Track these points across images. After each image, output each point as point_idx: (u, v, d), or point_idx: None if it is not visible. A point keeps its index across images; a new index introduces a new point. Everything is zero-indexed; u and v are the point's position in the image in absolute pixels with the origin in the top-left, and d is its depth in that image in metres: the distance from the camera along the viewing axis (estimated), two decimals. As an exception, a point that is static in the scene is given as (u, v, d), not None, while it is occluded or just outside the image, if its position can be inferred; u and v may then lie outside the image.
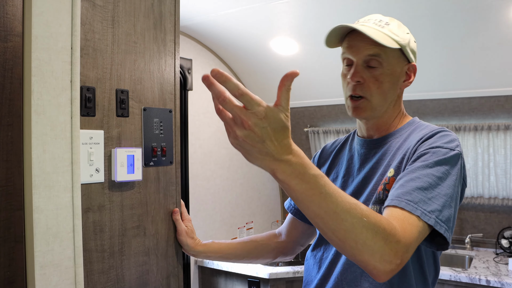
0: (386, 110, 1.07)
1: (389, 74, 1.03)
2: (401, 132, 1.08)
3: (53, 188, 0.85)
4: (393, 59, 1.03)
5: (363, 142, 1.12)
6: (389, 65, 1.03)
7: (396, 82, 1.05)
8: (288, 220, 1.35)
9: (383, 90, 1.03)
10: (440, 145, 0.93)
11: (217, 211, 3.15)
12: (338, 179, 1.15)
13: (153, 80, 1.17)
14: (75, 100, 0.90)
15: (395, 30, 1.03)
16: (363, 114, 1.05)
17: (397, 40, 1.02)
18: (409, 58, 1.05)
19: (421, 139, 0.97)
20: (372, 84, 1.03)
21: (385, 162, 1.05)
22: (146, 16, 1.15)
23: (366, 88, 1.03)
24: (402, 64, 1.05)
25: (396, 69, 1.04)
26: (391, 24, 1.04)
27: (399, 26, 1.06)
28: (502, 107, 2.75)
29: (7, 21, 0.81)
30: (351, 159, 1.15)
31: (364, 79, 1.03)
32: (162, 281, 1.18)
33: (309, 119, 3.47)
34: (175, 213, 1.20)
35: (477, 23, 2.27)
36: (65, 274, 0.87)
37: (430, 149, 0.92)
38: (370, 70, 1.03)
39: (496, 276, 2.40)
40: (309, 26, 2.61)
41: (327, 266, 1.07)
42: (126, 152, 1.08)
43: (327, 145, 1.29)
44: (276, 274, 2.58)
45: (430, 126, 1.05)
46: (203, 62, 3.07)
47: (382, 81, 1.03)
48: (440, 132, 0.97)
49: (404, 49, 1.03)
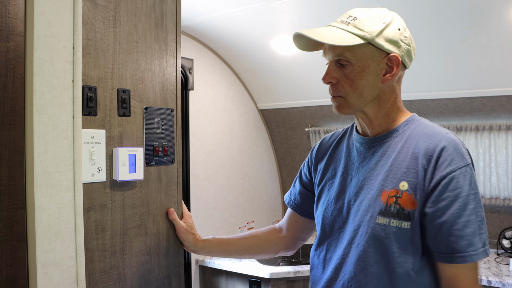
0: (370, 105, 1.05)
1: (360, 71, 1.01)
2: (399, 131, 1.06)
3: (55, 187, 0.85)
4: (364, 54, 1.00)
5: (362, 140, 1.10)
6: (359, 61, 1.01)
7: (373, 77, 1.01)
8: (288, 215, 1.34)
9: (356, 87, 1.02)
10: (454, 169, 0.95)
11: (218, 211, 3.15)
12: (337, 177, 1.14)
13: (154, 79, 1.17)
14: (77, 100, 0.90)
15: (361, 24, 1.00)
16: (343, 111, 1.06)
17: (362, 35, 0.98)
18: (385, 50, 1.00)
19: (432, 157, 0.97)
20: (344, 82, 1.03)
21: (386, 164, 1.03)
22: (148, 15, 1.15)
23: (340, 87, 1.04)
24: (377, 58, 1.01)
25: (370, 63, 1.01)
26: (360, 18, 1.01)
27: (372, 18, 1.01)
28: (503, 107, 2.75)
29: (9, 21, 0.81)
30: (350, 156, 1.13)
31: (336, 79, 1.03)
32: (164, 281, 1.19)
33: (310, 119, 3.47)
34: (171, 213, 1.20)
35: (479, 23, 2.27)
36: (66, 273, 0.87)
37: (448, 181, 0.95)
38: (341, 69, 1.03)
39: (497, 276, 2.39)
40: (310, 26, 2.61)
41: (333, 269, 1.06)
42: (127, 151, 1.08)
43: (325, 138, 1.27)
44: (277, 274, 2.58)
45: (432, 130, 1.03)
46: (204, 62, 3.08)
47: (353, 79, 1.01)
48: (446, 146, 0.97)
49: (372, 41, 0.99)
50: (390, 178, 1.01)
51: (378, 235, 0.98)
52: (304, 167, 1.29)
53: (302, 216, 1.29)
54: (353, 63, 1.01)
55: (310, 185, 1.26)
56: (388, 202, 0.99)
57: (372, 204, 1.01)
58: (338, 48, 1.01)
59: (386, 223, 0.98)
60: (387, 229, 0.97)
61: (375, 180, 1.03)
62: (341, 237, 1.07)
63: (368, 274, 0.99)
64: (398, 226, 0.96)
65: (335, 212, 1.09)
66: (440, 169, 0.96)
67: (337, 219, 1.09)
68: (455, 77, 2.69)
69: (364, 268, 0.99)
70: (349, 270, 1.02)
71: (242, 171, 3.40)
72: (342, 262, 1.05)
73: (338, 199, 1.10)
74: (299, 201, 1.29)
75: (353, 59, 1.00)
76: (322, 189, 1.17)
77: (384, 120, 1.07)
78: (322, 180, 1.18)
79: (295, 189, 1.31)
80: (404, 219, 0.96)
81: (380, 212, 0.99)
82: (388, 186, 1.00)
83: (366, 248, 0.99)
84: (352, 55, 1.00)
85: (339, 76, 1.03)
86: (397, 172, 1.00)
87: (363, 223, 1.01)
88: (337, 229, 1.09)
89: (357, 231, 1.02)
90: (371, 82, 1.02)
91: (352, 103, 1.04)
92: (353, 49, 1.00)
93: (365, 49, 1.00)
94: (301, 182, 1.29)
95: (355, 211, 1.05)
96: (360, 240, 1.01)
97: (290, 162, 3.72)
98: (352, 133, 1.18)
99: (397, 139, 1.05)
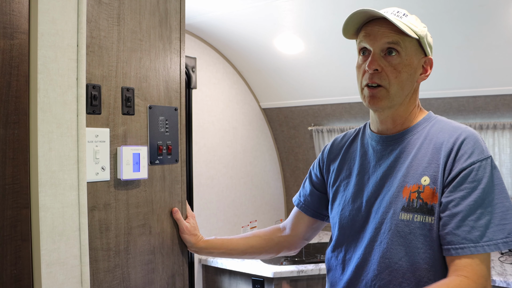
0: (403, 102, 1.05)
1: (407, 64, 1.01)
2: (418, 129, 1.06)
3: (59, 186, 0.85)
4: (411, 49, 1.02)
5: (379, 138, 1.09)
6: (407, 55, 1.01)
7: (413, 74, 1.03)
8: (294, 214, 1.33)
9: (401, 79, 1.01)
10: (475, 161, 0.95)
11: (221, 210, 3.14)
12: (352, 176, 1.13)
13: (158, 78, 1.17)
14: (81, 98, 0.89)
15: (413, 21, 1.02)
16: (380, 104, 1.03)
17: (416, 31, 1.00)
18: (426, 51, 1.04)
19: (452, 150, 0.97)
20: (390, 73, 1.01)
21: (406, 161, 1.02)
22: (152, 13, 1.15)
23: (384, 76, 1.01)
24: (419, 56, 1.04)
25: (414, 60, 1.03)
26: (409, 16, 1.03)
27: (416, 19, 1.05)
28: (507, 106, 2.74)
29: (13, 18, 0.81)
30: (365, 155, 1.12)
31: (382, 68, 1.01)
32: (168, 280, 1.18)
33: (313, 118, 3.46)
34: (175, 213, 1.20)
35: (483, 22, 2.26)
36: (71, 272, 0.87)
37: (468, 173, 0.94)
38: (388, 58, 1.01)
39: (502, 275, 2.38)
40: (314, 25, 2.60)
41: (354, 269, 1.05)
42: (131, 150, 1.08)
43: (337, 138, 1.25)
44: (280, 273, 2.58)
45: (451, 125, 1.03)
46: (207, 61, 3.07)
47: (400, 71, 1.01)
48: (466, 139, 0.97)
49: (422, 40, 1.02)
50: (411, 173, 1.00)
51: (402, 231, 0.98)
52: (314, 167, 1.27)
53: (309, 216, 1.28)
54: (402, 55, 1.01)
55: (321, 185, 1.25)
56: (410, 198, 0.99)
57: (394, 200, 1.01)
58: (393, 36, 1.00)
59: (410, 218, 0.97)
60: (411, 225, 0.97)
61: (395, 177, 1.03)
62: (362, 236, 1.06)
63: (392, 271, 0.98)
64: (422, 221, 0.96)
65: (353, 211, 1.08)
66: (460, 161, 0.96)
67: (356, 219, 1.08)
68: (459, 75, 2.68)
69: (388, 265, 0.99)
70: (372, 269, 1.01)
71: (245, 170, 3.39)
72: (364, 261, 1.04)
73: (356, 198, 1.09)
74: (310, 201, 1.27)
75: (404, 51, 1.01)
76: (337, 190, 1.16)
77: (407, 119, 1.08)
78: (336, 180, 1.17)
79: (305, 190, 1.30)
80: (428, 214, 0.96)
81: (403, 208, 0.99)
82: (410, 182, 1.00)
83: (390, 245, 0.99)
84: (404, 47, 1.01)
85: (385, 66, 1.02)
86: (418, 167, 1.00)
87: (386, 221, 1.01)
88: (356, 228, 1.08)
89: (379, 229, 1.02)
90: (412, 77, 1.04)
91: (392, 95, 1.02)
92: (405, 41, 1.01)
93: (413, 45, 1.02)
94: (311, 182, 1.28)
95: (376, 209, 1.04)
96: (383, 238, 1.00)
97: (293, 161, 3.71)
98: (365, 133, 1.17)
99: (416, 136, 1.05)
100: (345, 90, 3.08)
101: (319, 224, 1.31)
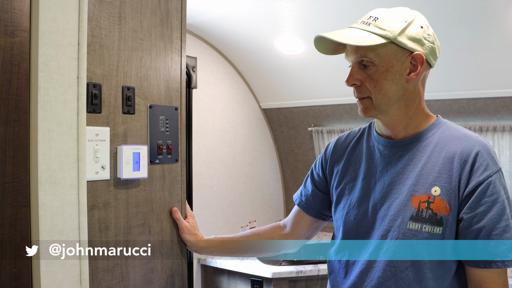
0: (397, 107, 1.03)
1: (384, 71, 1.00)
2: (427, 135, 1.04)
3: (59, 185, 0.85)
4: (387, 54, 0.99)
5: (386, 143, 1.08)
6: (383, 61, 0.99)
7: (397, 77, 1.00)
8: (294, 213, 1.31)
9: (381, 88, 1.00)
10: (490, 174, 0.95)
11: (220, 210, 3.14)
12: (358, 180, 1.11)
13: (159, 77, 1.16)
14: (82, 97, 0.89)
15: (382, 24, 0.99)
16: (369, 113, 1.04)
17: (383, 35, 0.98)
18: (408, 48, 0.99)
19: (466, 162, 0.97)
20: (368, 83, 1.01)
21: (416, 168, 1.01)
22: (153, 13, 1.15)
23: (364, 89, 1.02)
24: (401, 57, 1.00)
25: (394, 63, 1.00)
26: (381, 18, 1.00)
27: (393, 17, 1.00)
28: (507, 108, 2.74)
29: (14, 16, 0.80)
30: (372, 158, 1.10)
31: (360, 81, 1.02)
32: (167, 279, 1.18)
33: (313, 119, 3.46)
34: (175, 212, 1.19)
35: (484, 24, 2.26)
36: (70, 271, 0.87)
37: (486, 187, 0.95)
38: (365, 70, 1.01)
39: None
40: (315, 25, 2.60)
41: (358, 274, 1.04)
42: (132, 149, 1.08)
43: (340, 137, 1.23)
44: (279, 274, 2.57)
45: (462, 133, 1.03)
46: (208, 61, 3.07)
47: (377, 79, 1.00)
48: (480, 151, 0.97)
49: (394, 40, 0.98)
50: (421, 182, 0.99)
51: (409, 240, 0.97)
52: (317, 166, 1.25)
53: (310, 215, 1.27)
54: (377, 63, 0.99)
55: (323, 186, 1.23)
56: (420, 207, 0.98)
57: (402, 209, 0.99)
58: (360, 49, 1.00)
59: (418, 228, 0.97)
60: (419, 235, 0.97)
61: (404, 185, 1.01)
62: (367, 242, 1.05)
63: (398, 280, 0.98)
64: (430, 231, 0.96)
65: (359, 216, 1.07)
66: (476, 174, 0.95)
67: (362, 224, 1.06)
68: (459, 77, 2.68)
69: (394, 274, 0.98)
70: (377, 276, 1.00)
71: (244, 170, 3.39)
72: (368, 268, 1.03)
73: (362, 203, 1.07)
74: (311, 201, 1.25)
75: (376, 60, 0.99)
76: (341, 192, 1.14)
77: (409, 123, 1.05)
78: (340, 182, 1.15)
79: (306, 189, 1.27)
80: (437, 225, 0.96)
81: (412, 218, 0.98)
82: (420, 191, 0.98)
83: (397, 254, 0.98)
84: (375, 55, 0.99)
85: (363, 77, 1.01)
86: (428, 177, 0.99)
87: (393, 228, 1.00)
88: (361, 234, 1.06)
89: (385, 236, 1.01)
90: (395, 81, 1.01)
91: (377, 104, 1.02)
92: (376, 49, 0.99)
93: (388, 48, 0.99)
94: (313, 182, 1.26)
95: (382, 215, 1.03)
96: (390, 246, 0.99)
97: (293, 162, 3.71)
98: (370, 134, 1.15)
99: (425, 143, 1.03)
100: (346, 91, 3.06)
101: (320, 224, 1.29)
